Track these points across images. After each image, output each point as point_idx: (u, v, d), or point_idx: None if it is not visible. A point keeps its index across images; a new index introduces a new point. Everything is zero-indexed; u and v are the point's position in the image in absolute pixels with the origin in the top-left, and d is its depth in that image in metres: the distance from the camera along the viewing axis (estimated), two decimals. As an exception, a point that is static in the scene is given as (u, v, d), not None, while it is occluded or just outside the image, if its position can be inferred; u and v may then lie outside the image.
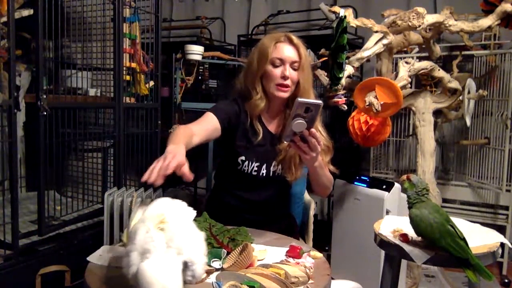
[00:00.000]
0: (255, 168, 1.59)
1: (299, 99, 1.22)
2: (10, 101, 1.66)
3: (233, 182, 1.64)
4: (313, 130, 1.29)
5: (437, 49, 2.60)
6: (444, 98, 2.43)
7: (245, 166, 1.58)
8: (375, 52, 2.15)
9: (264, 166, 1.60)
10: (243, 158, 1.58)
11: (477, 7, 2.44)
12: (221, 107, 1.58)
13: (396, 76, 2.20)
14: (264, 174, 1.60)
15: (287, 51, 1.53)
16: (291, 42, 1.54)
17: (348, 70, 2.11)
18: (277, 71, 1.52)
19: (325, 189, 1.59)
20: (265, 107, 1.57)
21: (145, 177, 1.04)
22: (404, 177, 1.31)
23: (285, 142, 1.42)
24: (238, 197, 1.64)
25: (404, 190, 1.31)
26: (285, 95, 1.55)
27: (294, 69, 1.54)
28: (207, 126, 1.48)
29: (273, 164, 1.60)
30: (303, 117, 1.25)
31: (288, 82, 1.52)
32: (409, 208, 1.28)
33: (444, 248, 1.20)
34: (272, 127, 1.63)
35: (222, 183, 1.72)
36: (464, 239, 1.20)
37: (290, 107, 1.60)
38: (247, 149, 1.58)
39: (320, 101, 1.25)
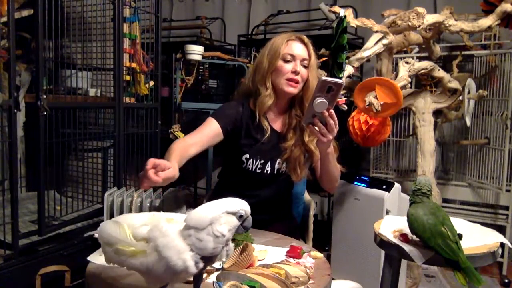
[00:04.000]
0: (259, 166, 1.60)
1: (323, 78, 1.25)
2: (10, 101, 1.65)
3: (237, 180, 1.65)
4: (332, 111, 1.32)
5: (437, 49, 2.60)
6: (444, 98, 2.43)
7: (249, 164, 1.59)
8: (375, 52, 2.16)
9: (269, 164, 1.61)
10: (247, 156, 1.59)
11: (477, 7, 2.44)
12: (223, 110, 1.61)
13: (396, 76, 2.20)
14: (269, 172, 1.61)
15: (298, 48, 1.57)
16: (301, 41, 1.59)
17: (348, 70, 2.12)
18: (288, 66, 1.56)
19: (334, 181, 1.62)
20: (273, 104, 1.59)
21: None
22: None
23: (304, 125, 1.44)
24: (241, 195, 1.64)
25: None
26: (294, 91, 1.57)
27: (304, 66, 1.58)
28: (207, 134, 1.52)
29: (277, 162, 1.61)
30: (325, 97, 1.27)
31: (298, 77, 1.56)
32: (409, 206, 1.29)
33: (434, 249, 1.21)
34: (277, 125, 1.64)
35: (226, 181, 1.73)
36: (457, 243, 1.20)
37: (295, 107, 1.62)
38: (251, 147, 1.59)
39: (342, 81, 1.28)
